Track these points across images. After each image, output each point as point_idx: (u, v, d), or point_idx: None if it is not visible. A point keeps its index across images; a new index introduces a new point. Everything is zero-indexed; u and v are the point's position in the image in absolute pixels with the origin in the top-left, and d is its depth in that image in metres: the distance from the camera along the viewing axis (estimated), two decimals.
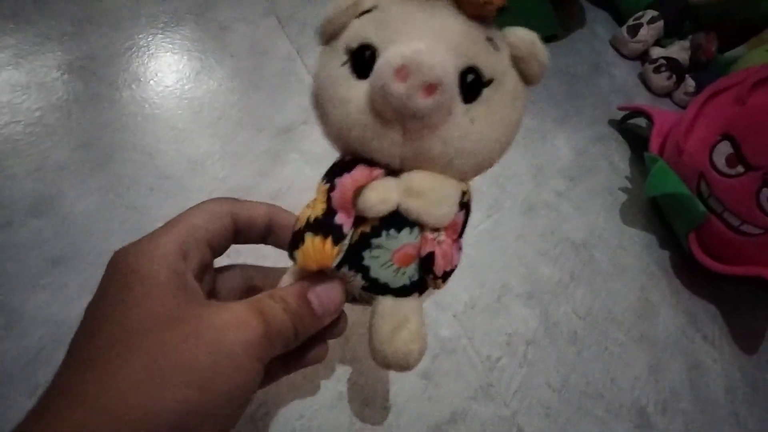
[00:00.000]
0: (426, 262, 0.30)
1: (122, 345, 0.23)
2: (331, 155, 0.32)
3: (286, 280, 0.34)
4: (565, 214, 0.75)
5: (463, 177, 0.30)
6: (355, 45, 0.27)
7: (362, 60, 0.27)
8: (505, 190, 0.73)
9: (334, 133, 0.29)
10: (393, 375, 0.51)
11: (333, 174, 0.29)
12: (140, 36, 0.68)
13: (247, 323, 0.26)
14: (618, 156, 0.89)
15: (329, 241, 0.27)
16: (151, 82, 0.65)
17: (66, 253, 0.50)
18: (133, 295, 0.25)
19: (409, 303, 0.32)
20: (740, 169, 0.68)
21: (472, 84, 0.27)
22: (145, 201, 0.55)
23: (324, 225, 0.28)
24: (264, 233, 0.35)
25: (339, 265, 0.30)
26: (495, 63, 0.28)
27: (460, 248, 0.32)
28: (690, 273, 0.76)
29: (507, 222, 0.70)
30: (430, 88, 0.24)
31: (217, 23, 0.74)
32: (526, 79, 0.30)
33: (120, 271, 0.26)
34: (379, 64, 0.25)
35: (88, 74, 0.62)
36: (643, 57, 1.11)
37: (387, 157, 0.28)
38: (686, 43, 1.06)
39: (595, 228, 0.76)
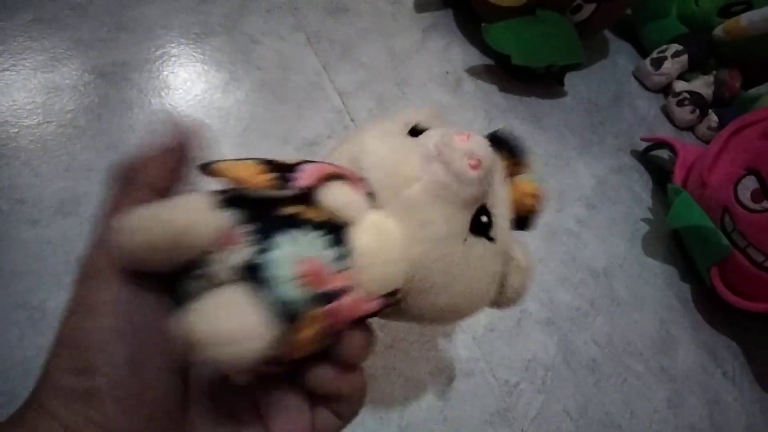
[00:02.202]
0: (327, 297, 0.23)
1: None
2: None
3: None
4: (585, 242, 0.74)
5: (416, 278, 0.27)
6: (424, 126, 0.30)
7: (422, 131, 0.29)
8: None
9: (353, 150, 0.29)
10: (410, 394, 0.50)
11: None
12: (172, 45, 0.69)
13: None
14: (640, 186, 0.88)
15: (271, 175, 0.23)
16: (180, 90, 0.65)
17: None
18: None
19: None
20: (766, 204, 0.68)
21: (481, 225, 0.28)
22: None
23: (278, 167, 0.24)
24: None
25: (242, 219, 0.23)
26: (501, 237, 0.29)
27: (343, 334, 0.25)
28: (711, 307, 0.75)
29: (528, 246, 0.69)
30: (477, 163, 0.25)
31: (246, 36, 0.75)
32: (502, 286, 0.31)
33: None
34: (447, 129, 0.28)
35: (120, 79, 0.63)
36: (666, 90, 1.11)
37: (392, 187, 0.26)
38: (710, 78, 1.06)
39: (616, 257, 0.75)
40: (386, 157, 0.27)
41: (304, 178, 0.23)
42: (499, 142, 0.31)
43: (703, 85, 1.06)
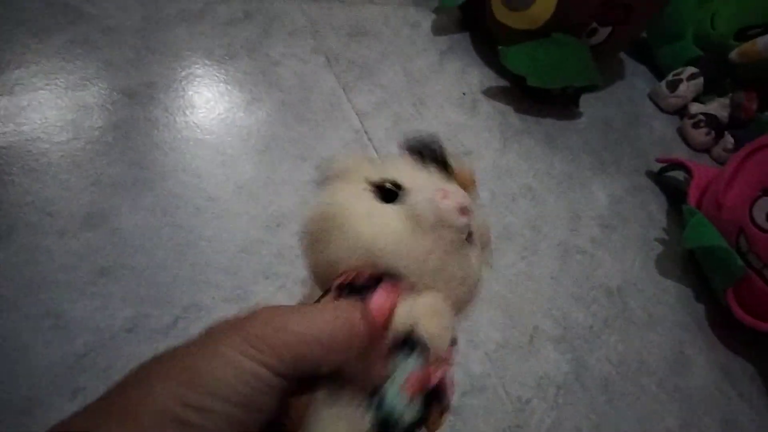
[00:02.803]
0: (437, 392, 0.28)
1: (153, 360, 0.24)
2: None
3: None
4: (599, 261, 0.75)
5: (455, 307, 0.31)
6: (379, 181, 0.31)
7: (388, 191, 0.30)
8: (540, 232, 0.74)
9: (358, 247, 0.29)
10: None
11: (353, 289, 0.28)
12: (197, 66, 0.72)
13: (244, 322, 0.25)
14: (655, 207, 0.89)
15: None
16: (204, 109, 0.68)
17: (113, 264, 0.51)
18: None
19: None
20: None
21: (468, 236, 0.31)
22: (191, 220, 0.57)
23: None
24: None
25: None
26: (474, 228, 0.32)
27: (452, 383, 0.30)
28: (726, 328, 0.74)
29: (542, 264, 0.70)
30: (464, 210, 0.28)
31: (268, 58, 0.77)
32: None
33: None
34: (424, 188, 0.30)
35: (147, 99, 0.65)
36: (681, 112, 1.12)
37: (418, 269, 0.29)
38: (726, 101, 1.06)
39: (630, 277, 0.75)
40: (397, 246, 0.29)
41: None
42: (417, 150, 0.34)
43: (718, 107, 1.06)
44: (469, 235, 0.31)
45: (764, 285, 0.69)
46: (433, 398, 0.28)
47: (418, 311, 0.28)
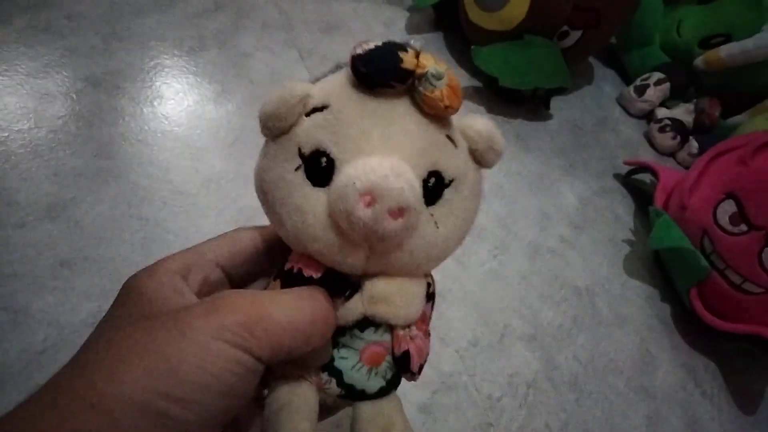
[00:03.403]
0: (402, 361, 0.27)
1: (106, 348, 0.23)
2: None
3: None
4: (569, 261, 0.75)
5: (427, 273, 0.29)
6: (308, 150, 0.24)
7: (318, 167, 0.24)
8: (511, 231, 0.74)
9: (290, 238, 0.26)
10: None
11: (289, 278, 0.27)
12: (165, 56, 0.70)
13: (219, 308, 0.24)
14: (622, 208, 0.90)
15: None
16: (172, 100, 0.66)
17: (75, 257, 0.50)
18: (130, 310, 0.25)
19: (389, 403, 0.29)
20: (743, 227, 0.69)
21: (434, 187, 0.25)
22: (157, 214, 0.55)
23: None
24: None
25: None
26: (455, 162, 0.26)
27: (428, 335, 0.30)
28: (690, 328, 0.76)
29: (512, 263, 0.70)
30: (399, 212, 0.22)
31: (239, 51, 0.76)
32: (482, 164, 0.28)
33: (125, 292, 0.27)
34: (341, 184, 0.23)
35: (112, 88, 0.63)
36: (648, 116, 1.14)
37: (350, 269, 0.26)
38: (691, 107, 1.09)
39: (598, 277, 0.76)
40: (325, 249, 0.25)
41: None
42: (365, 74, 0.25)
43: (684, 112, 1.09)
44: (430, 185, 0.25)
45: (726, 285, 0.71)
46: (401, 366, 0.28)
47: (365, 299, 0.26)
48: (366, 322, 0.27)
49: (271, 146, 0.26)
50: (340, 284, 0.26)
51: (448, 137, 0.26)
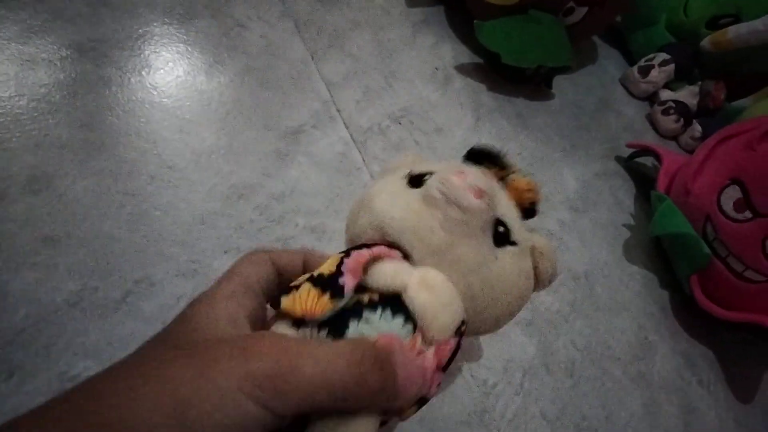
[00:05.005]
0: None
1: (128, 371, 0.22)
2: (337, 162, 0.31)
3: None
4: (567, 245, 0.74)
5: (469, 305, 0.30)
6: (416, 172, 0.33)
7: (418, 178, 0.32)
8: None
9: (374, 219, 0.31)
10: None
11: (351, 249, 0.29)
12: (155, 24, 0.67)
13: (247, 352, 0.22)
14: (623, 192, 0.88)
15: (327, 295, 0.26)
16: (162, 70, 0.63)
17: (58, 233, 0.47)
18: (174, 334, 0.24)
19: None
20: (748, 214, 0.68)
21: (502, 235, 0.31)
22: (144, 188, 0.53)
23: (326, 281, 0.27)
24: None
25: (318, 327, 0.27)
26: (520, 236, 0.32)
27: (439, 383, 0.29)
28: (689, 315, 0.75)
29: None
30: (479, 192, 0.28)
31: (233, 20, 0.73)
32: (536, 275, 0.35)
33: (183, 319, 0.25)
34: (441, 168, 0.31)
35: (98, 56, 0.60)
36: (651, 98, 1.12)
37: (420, 242, 0.29)
38: (695, 89, 1.07)
39: (597, 262, 0.74)
40: (404, 218, 0.30)
41: (350, 279, 0.27)
42: (479, 155, 0.36)
43: (688, 95, 1.07)
44: (500, 231, 0.31)
45: (728, 273, 0.69)
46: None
47: (410, 278, 0.28)
48: (400, 310, 0.27)
49: (382, 176, 0.38)
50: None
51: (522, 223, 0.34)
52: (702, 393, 0.68)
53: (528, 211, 0.36)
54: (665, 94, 1.09)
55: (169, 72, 0.63)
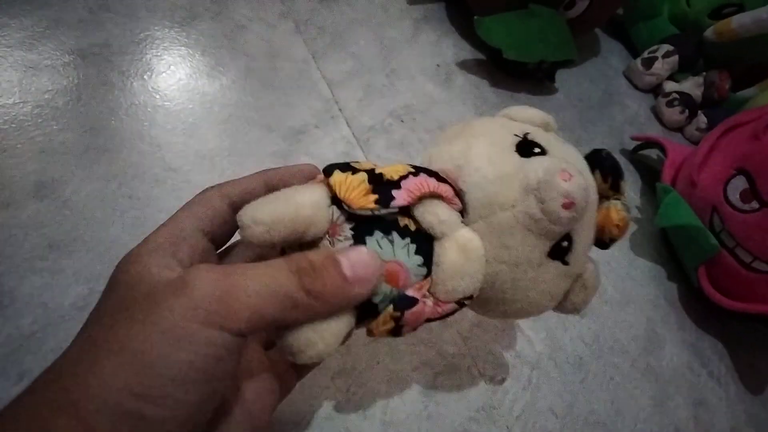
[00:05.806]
0: (401, 304, 0.28)
1: (84, 347, 0.22)
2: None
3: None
4: None
5: (486, 287, 0.30)
6: (531, 140, 0.31)
7: (528, 146, 0.31)
8: None
9: (461, 159, 0.30)
10: (393, 389, 0.49)
11: (422, 169, 0.29)
12: (156, 28, 0.67)
13: (188, 285, 0.22)
14: (629, 185, 0.88)
15: (374, 196, 0.27)
16: (164, 74, 0.63)
17: (64, 238, 0.48)
18: (114, 300, 0.24)
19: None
20: (755, 204, 0.67)
21: (561, 249, 0.30)
22: (149, 192, 0.53)
23: (382, 185, 0.27)
24: None
25: (347, 219, 0.28)
26: (576, 260, 0.31)
27: (416, 328, 0.31)
28: (697, 308, 0.74)
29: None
30: (570, 203, 0.27)
31: (233, 22, 0.73)
32: (563, 299, 0.34)
33: (112, 280, 0.25)
34: (554, 154, 0.30)
35: (101, 61, 0.61)
36: (656, 90, 1.11)
37: (486, 209, 0.29)
38: (700, 80, 1.06)
39: (604, 255, 0.74)
40: (490, 181, 0.29)
41: (403, 197, 0.27)
42: (599, 161, 0.34)
43: (692, 86, 1.06)
44: (562, 246, 0.30)
45: (736, 264, 0.69)
46: (397, 305, 0.28)
47: (454, 232, 0.28)
48: (425, 251, 0.28)
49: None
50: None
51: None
52: (712, 385, 0.68)
53: (603, 242, 0.35)
54: (669, 86, 1.08)
55: (171, 75, 0.64)
